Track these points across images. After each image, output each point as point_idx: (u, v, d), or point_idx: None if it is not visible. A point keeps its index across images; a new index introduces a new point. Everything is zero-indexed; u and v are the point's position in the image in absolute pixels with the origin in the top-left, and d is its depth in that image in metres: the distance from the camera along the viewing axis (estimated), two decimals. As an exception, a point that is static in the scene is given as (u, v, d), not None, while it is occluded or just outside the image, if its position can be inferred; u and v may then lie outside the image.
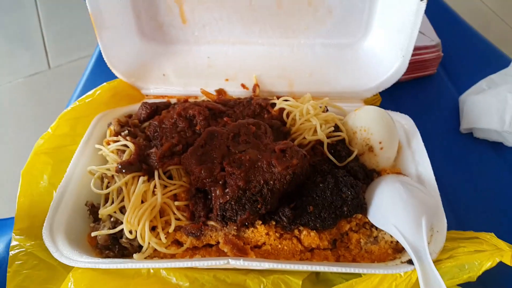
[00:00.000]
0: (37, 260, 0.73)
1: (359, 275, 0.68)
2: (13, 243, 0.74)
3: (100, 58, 1.16)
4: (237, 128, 0.74)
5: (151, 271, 0.71)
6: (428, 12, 1.12)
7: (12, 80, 2.26)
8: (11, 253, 0.73)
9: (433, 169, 0.75)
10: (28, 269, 0.72)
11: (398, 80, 1.02)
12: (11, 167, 1.79)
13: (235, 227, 0.68)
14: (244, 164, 0.69)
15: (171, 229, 0.69)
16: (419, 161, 0.79)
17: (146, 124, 0.86)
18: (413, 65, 1.05)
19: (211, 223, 0.69)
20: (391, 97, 0.99)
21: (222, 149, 0.72)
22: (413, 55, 1.00)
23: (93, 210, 0.77)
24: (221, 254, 0.69)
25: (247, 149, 0.71)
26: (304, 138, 0.78)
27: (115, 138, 0.80)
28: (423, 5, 0.77)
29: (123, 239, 0.72)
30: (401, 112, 0.87)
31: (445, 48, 1.08)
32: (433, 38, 1.06)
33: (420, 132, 0.83)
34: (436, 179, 0.74)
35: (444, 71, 1.15)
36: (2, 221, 0.85)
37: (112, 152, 0.79)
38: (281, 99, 0.84)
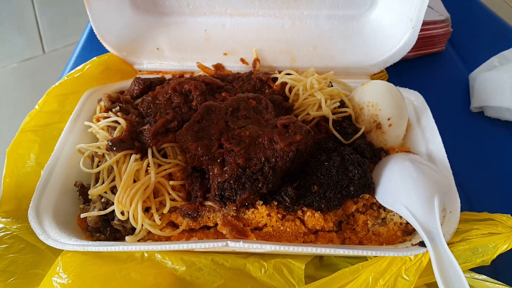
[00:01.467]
0: (23, 243, 0.69)
1: (365, 259, 0.64)
2: (-1, 225, 0.70)
3: (91, 34, 1.11)
4: (236, 103, 0.69)
5: (145, 254, 0.66)
6: None
7: (6, 65, 2.21)
8: None
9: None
10: (14, 253, 0.68)
11: (405, 56, 0.96)
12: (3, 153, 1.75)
13: (234, 208, 0.63)
14: (244, 141, 0.64)
15: (165, 210, 0.65)
16: (430, 138, 0.74)
17: (139, 100, 0.80)
18: (421, 41, 1.00)
19: (209, 203, 0.65)
20: (398, 75, 0.94)
21: (220, 124, 0.67)
22: (421, 30, 0.95)
23: (82, 190, 0.72)
24: (219, 236, 0.65)
25: (247, 125, 0.66)
26: (308, 114, 0.73)
27: (105, 114, 0.75)
28: None
29: (115, 221, 0.67)
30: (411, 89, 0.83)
31: (454, 23, 1.03)
32: (442, 13, 1.01)
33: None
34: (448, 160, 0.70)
35: (453, 48, 1.10)
36: None
37: (102, 129, 0.74)
38: (283, 72, 0.78)
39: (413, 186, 0.64)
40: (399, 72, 0.90)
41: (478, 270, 0.64)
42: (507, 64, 0.94)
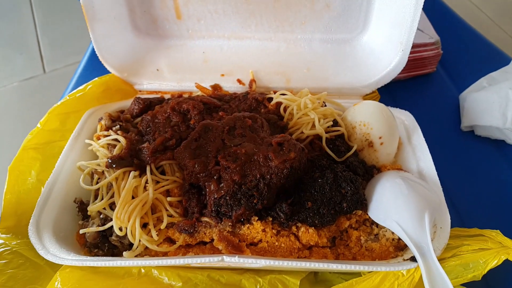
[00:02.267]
0: (23, 259, 0.70)
1: (359, 274, 0.65)
2: (-2, 242, 0.71)
3: (92, 55, 1.14)
4: (232, 121, 0.72)
5: (142, 270, 0.67)
6: (427, 10, 1.11)
7: (7, 84, 2.25)
8: None
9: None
10: (13, 268, 0.69)
11: (397, 78, 0.99)
12: (5, 171, 1.77)
13: (230, 223, 0.65)
14: (240, 158, 0.66)
15: (163, 226, 0.66)
16: (420, 156, 0.77)
17: (139, 119, 0.83)
18: (412, 63, 1.04)
19: (205, 219, 0.66)
20: (390, 96, 0.97)
21: (217, 142, 0.69)
22: (412, 52, 0.99)
23: (82, 207, 0.73)
24: (215, 252, 0.66)
25: (243, 143, 0.69)
26: (302, 132, 0.75)
27: (105, 133, 0.77)
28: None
29: (113, 237, 0.69)
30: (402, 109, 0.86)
31: (444, 46, 1.07)
32: (432, 36, 1.05)
33: (421, 130, 0.81)
34: (438, 177, 0.72)
35: (444, 69, 1.14)
36: None
37: (103, 147, 0.76)
38: (278, 93, 0.81)
39: (404, 203, 0.66)
40: (392, 93, 0.93)
41: (469, 285, 0.65)
42: (495, 85, 0.97)
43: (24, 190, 0.77)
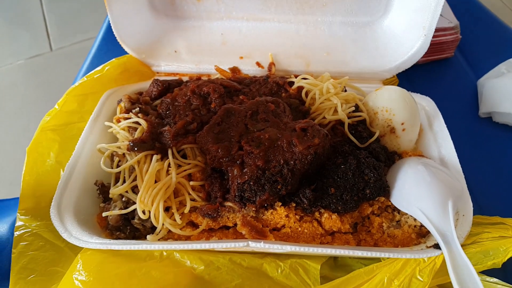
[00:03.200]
0: (43, 241, 0.71)
1: (378, 260, 0.66)
2: (18, 223, 0.71)
3: (106, 36, 1.12)
4: (255, 106, 0.71)
5: (164, 253, 0.68)
6: None
7: (13, 62, 2.23)
8: (16, 233, 0.70)
9: None
10: (34, 250, 0.69)
11: (416, 63, 0.99)
12: (11, 148, 1.79)
13: (253, 209, 0.65)
14: (263, 143, 0.66)
15: (186, 210, 0.66)
16: (442, 143, 0.76)
17: (158, 101, 0.82)
18: (431, 47, 1.01)
19: (229, 204, 0.66)
20: (408, 80, 0.96)
21: (240, 127, 0.69)
22: None
23: (103, 189, 0.73)
24: (238, 236, 0.66)
25: (266, 128, 0.68)
26: (324, 117, 0.75)
27: (126, 115, 0.77)
28: None
29: (135, 220, 0.69)
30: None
31: (463, 30, 1.05)
32: (451, 20, 1.03)
33: None
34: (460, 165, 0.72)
35: (462, 54, 1.12)
36: (5, 201, 0.81)
37: (123, 129, 0.75)
38: (299, 77, 0.80)
39: (427, 190, 0.65)
40: (409, 77, 0.92)
41: (489, 272, 0.65)
42: None
43: (43, 171, 0.77)
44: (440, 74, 1.08)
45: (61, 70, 2.09)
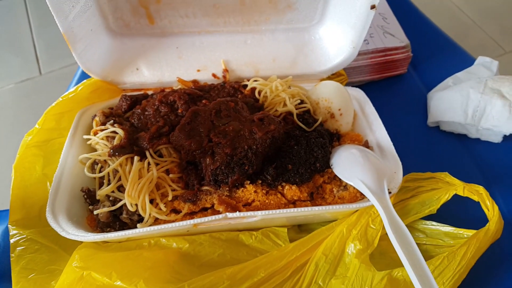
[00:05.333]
0: (38, 245, 0.79)
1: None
2: (12, 232, 0.79)
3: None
4: (218, 105, 0.84)
5: (152, 241, 0.78)
6: (398, 14, 1.25)
7: (3, 86, 2.29)
8: (12, 240, 0.78)
9: (402, 160, 0.83)
10: (30, 253, 0.77)
11: (371, 79, 1.16)
12: (2, 171, 1.83)
13: (227, 188, 0.77)
14: (229, 134, 0.79)
15: (169, 197, 0.77)
16: (376, 130, 0.90)
17: (129, 113, 0.92)
18: (385, 65, 1.17)
19: (205, 188, 0.78)
20: (367, 95, 1.03)
21: (207, 124, 0.81)
22: (384, 55, 1.15)
23: (89, 194, 0.82)
24: (215, 214, 0.77)
25: (229, 122, 0.81)
26: (276, 110, 0.89)
27: (102, 127, 0.86)
28: (373, 12, 0.87)
29: (123, 215, 0.78)
30: (376, 108, 0.96)
31: (414, 48, 1.19)
32: (402, 40, 1.17)
33: (391, 127, 0.90)
34: (406, 170, 0.82)
35: (414, 70, 1.26)
36: None
37: (102, 139, 0.85)
38: (251, 79, 0.95)
39: (369, 166, 0.79)
40: (366, 92, 1.01)
41: (428, 218, 0.82)
42: (459, 84, 1.10)
43: (30, 184, 0.84)
44: (394, 88, 1.21)
45: (50, 93, 2.15)
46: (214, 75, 1.02)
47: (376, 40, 1.15)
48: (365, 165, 0.79)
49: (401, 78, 1.24)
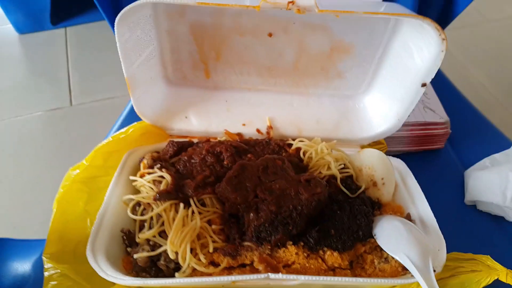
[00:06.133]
0: (71, 281, 0.78)
1: (372, 292, 0.78)
2: (47, 265, 0.79)
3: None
4: (265, 162, 0.85)
5: (187, 292, 0.77)
6: (438, 92, 1.29)
7: (33, 112, 2.37)
8: (46, 274, 0.78)
9: None
10: (63, 289, 0.76)
11: (409, 150, 1.18)
12: (23, 195, 1.92)
13: (269, 247, 0.77)
14: (275, 192, 0.79)
15: (210, 249, 0.77)
16: (418, 203, 0.90)
17: (175, 159, 0.94)
18: (424, 138, 1.19)
19: (247, 243, 0.78)
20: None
21: (254, 179, 0.82)
22: (423, 129, 1.18)
23: (129, 235, 0.82)
24: (254, 272, 0.76)
25: (276, 179, 0.82)
26: (320, 172, 0.90)
27: (150, 170, 0.88)
28: (423, 89, 0.90)
29: (161, 261, 0.78)
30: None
31: (453, 126, 1.21)
32: (442, 116, 1.19)
33: (428, 201, 0.90)
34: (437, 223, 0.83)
35: (452, 147, 1.27)
36: (29, 241, 0.89)
37: (149, 182, 0.86)
38: (297, 139, 0.97)
39: (414, 240, 0.78)
40: (404, 161, 1.02)
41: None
42: (497, 166, 1.09)
43: (71, 219, 0.85)
44: (431, 162, 1.22)
45: (78, 124, 2.23)
46: (258, 131, 1.04)
47: (416, 114, 1.18)
48: (409, 239, 0.78)
49: (438, 153, 1.25)
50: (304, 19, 0.89)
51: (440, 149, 1.25)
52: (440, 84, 1.38)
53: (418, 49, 0.87)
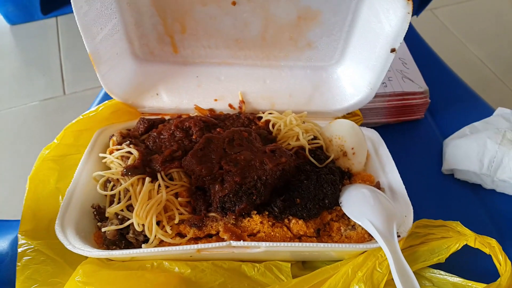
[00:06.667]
0: (44, 256, 0.79)
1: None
2: (21, 241, 0.80)
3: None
4: (231, 134, 0.85)
5: (154, 264, 0.78)
6: (418, 60, 1.27)
7: (28, 102, 2.41)
8: (20, 250, 0.79)
9: (414, 206, 0.82)
10: (36, 264, 0.78)
11: (388, 122, 1.17)
12: (19, 184, 1.87)
13: (233, 217, 0.77)
14: (240, 163, 0.80)
15: (176, 220, 0.78)
16: (388, 172, 0.90)
17: (145, 136, 0.95)
18: (402, 109, 1.18)
19: (212, 214, 0.78)
20: (382, 136, 1.03)
21: (219, 151, 0.83)
22: (402, 100, 1.16)
23: (99, 211, 0.84)
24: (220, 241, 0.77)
25: (241, 151, 0.82)
26: (289, 144, 0.90)
27: (119, 147, 0.89)
28: (392, 55, 0.88)
29: (130, 234, 0.79)
30: (390, 151, 0.96)
31: (433, 95, 1.19)
32: (421, 86, 1.18)
33: (405, 171, 0.89)
34: (417, 216, 0.81)
35: (432, 116, 1.26)
36: (7, 221, 0.91)
37: (117, 158, 0.87)
38: (266, 112, 0.97)
39: (379, 207, 0.79)
40: (382, 134, 1.01)
41: (435, 266, 0.80)
42: (476, 133, 1.09)
43: (43, 196, 0.86)
44: (410, 133, 1.21)
45: (72, 112, 2.24)
46: (230, 106, 1.04)
47: (394, 84, 1.17)
48: (375, 206, 0.78)
49: (418, 123, 1.24)
50: (268, -15, 0.88)
51: (420, 119, 1.24)
52: (421, 53, 1.36)
53: (385, 12, 0.85)
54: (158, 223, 0.79)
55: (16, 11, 2.86)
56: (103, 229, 0.78)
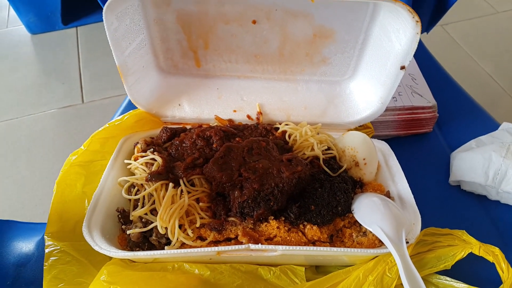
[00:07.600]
0: (69, 257, 0.84)
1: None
2: (47, 243, 0.85)
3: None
4: (250, 143, 0.90)
5: (175, 265, 0.83)
6: (427, 76, 1.31)
7: (47, 110, 2.48)
8: (46, 250, 0.84)
9: (422, 215, 0.85)
10: (62, 264, 0.83)
11: (397, 134, 1.22)
12: (37, 189, 2.01)
13: (252, 221, 0.82)
14: (258, 171, 0.84)
15: (197, 224, 0.82)
16: (398, 182, 0.94)
17: (168, 144, 1.00)
18: (411, 122, 1.22)
19: (231, 218, 0.83)
20: (392, 149, 1.06)
21: (239, 159, 0.87)
22: (411, 113, 1.21)
23: (123, 214, 0.88)
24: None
25: (259, 159, 0.87)
26: (304, 153, 0.95)
27: (143, 154, 0.94)
28: (402, 72, 0.93)
29: (153, 237, 0.84)
30: (399, 162, 0.99)
31: (441, 109, 1.24)
32: (430, 100, 1.22)
33: (413, 182, 0.93)
34: (425, 224, 0.85)
35: (439, 130, 1.30)
36: (33, 224, 0.96)
37: (142, 164, 0.92)
38: (283, 123, 1.02)
39: (389, 214, 0.82)
40: (392, 146, 1.05)
41: (442, 273, 0.83)
42: (482, 147, 1.13)
43: (69, 200, 0.91)
44: (419, 146, 1.25)
45: (90, 120, 2.33)
46: (248, 116, 1.09)
47: (404, 99, 1.21)
48: (385, 213, 0.82)
49: (426, 136, 1.27)
50: (285, 5, 0.94)
51: (429, 132, 1.27)
52: (430, 69, 1.41)
53: (396, 32, 0.91)
54: (180, 226, 0.84)
55: (38, 21, 2.96)
56: (128, 231, 0.83)
